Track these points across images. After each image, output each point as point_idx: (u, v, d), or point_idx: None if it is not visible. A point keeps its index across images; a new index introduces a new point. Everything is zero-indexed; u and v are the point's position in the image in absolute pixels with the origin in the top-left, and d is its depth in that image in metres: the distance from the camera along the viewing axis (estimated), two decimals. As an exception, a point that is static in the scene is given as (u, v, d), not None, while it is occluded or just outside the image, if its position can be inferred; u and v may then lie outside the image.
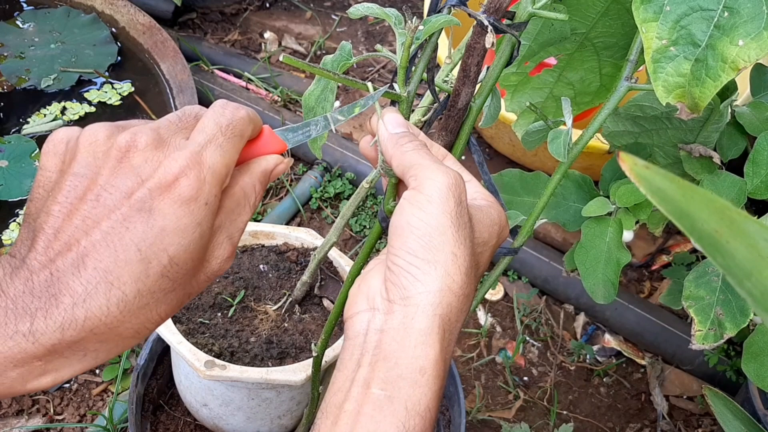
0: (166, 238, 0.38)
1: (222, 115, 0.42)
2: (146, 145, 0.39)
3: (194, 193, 0.39)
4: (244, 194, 0.43)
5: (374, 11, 0.52)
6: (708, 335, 0.74)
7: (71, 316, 0.37)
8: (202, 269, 0.42)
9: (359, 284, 0.45)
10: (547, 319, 1.46)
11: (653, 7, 0.51)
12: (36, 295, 0.37)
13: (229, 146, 0.41)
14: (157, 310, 0.40)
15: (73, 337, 0.37)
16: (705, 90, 0.51)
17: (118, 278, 0.37)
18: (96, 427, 1.18)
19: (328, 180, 1.60)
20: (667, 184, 0.19)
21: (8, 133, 1.55)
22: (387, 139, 0.47)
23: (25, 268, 0.38)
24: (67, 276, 0.37)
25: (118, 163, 0.39)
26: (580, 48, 0.68)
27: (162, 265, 0.38)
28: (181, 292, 0.41)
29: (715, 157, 0.75)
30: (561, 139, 0.62)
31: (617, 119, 0.81)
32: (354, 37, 1.99)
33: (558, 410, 1.34)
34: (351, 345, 0.42)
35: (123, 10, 1.76)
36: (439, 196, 0.42)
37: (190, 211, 0.39)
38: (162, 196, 0.38)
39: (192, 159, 0.39)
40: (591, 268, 0.80)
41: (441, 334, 0.40)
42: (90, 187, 0.39)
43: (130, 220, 0.38)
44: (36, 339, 0.37)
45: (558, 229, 1.53)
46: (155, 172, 0.39)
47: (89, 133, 0.40)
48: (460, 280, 0.41)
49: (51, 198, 0.39)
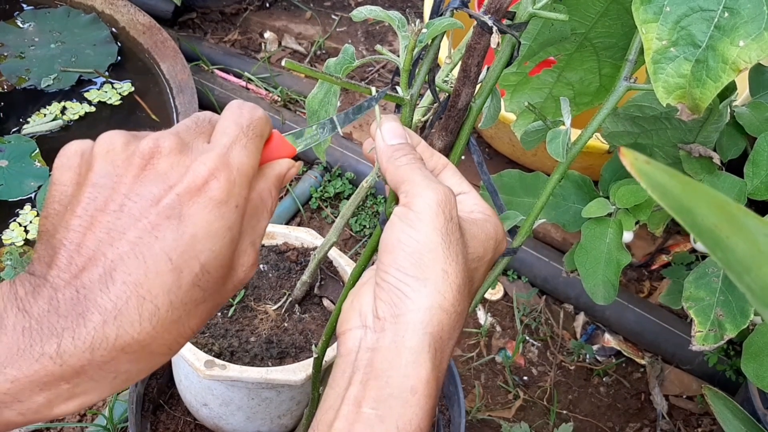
0: (197, 245, 0.37)
1: (241, 115, 0.41)
2: (171, 150, 0.38)
3: (225, 196, 0.38)
4: (261, 200, 0.42)
5: (377, 14, 0.52)
6: (708, 336, 0.74)
7: (101, 335, 0.35)
8: (229, 278, 0.40)
9: (352, 300, 0.44)
10: (547, 318, 1.46)
11: (653, 7, 0.51)
12: (62, 314, 0.35)
13: (253, 147, 0.40)
14: (188, 323, 0.38)
15: (103, 357, 0.35)
16: (706, 91, 0.51)
17: (150, 291, 0.36)
18: (96, 427, 1.18)
19: (328, 180, 1.60)
20: (668, 180, 0.19)
21: (8, 133, 1.55)
22: (382, 151, 0.46)
23: (48, 285, 0.36)
24: (94, 292, 0.35)
25: (141, 170, 0.37)
26: (580, 48, 0.68)
27: (194, 274, 0.37)
28: (210, 303, 0.39)
29: (714, 158, 0.75)
30: (560, 139, 0.62)
31: (616, 120, 0.81)
32: (354, 37, 1.99)
33: (558, 410, 1.34)
34: (343, 362, 0.41)
35: (123, 10, 1.76)
36: (428, 212, 0.41)
37: (221, 215, 0.37)
38: (192, 201, 0.37)
39: (220, 161, 0.38)
40: (591, 269, 0.81)
41: (432, 353, 0.39)
42: (111, 197, 0.37)
43: (159, 229, 0.36)
44: (64, 361, 0.35)
45: (558, 229, 1.53)
46: (183, 177, 0.37)
47: (105, 141, 0.39)
48: (452, 297, 0.40)
49: (69, 212, 0.37)
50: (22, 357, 0.34)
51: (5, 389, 0.35)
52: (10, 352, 0.34)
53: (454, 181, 0.48)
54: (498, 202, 0.68)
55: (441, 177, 0.49)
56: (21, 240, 1.38)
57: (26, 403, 0.35)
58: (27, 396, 0.35)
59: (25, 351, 0.35)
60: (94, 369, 0.36)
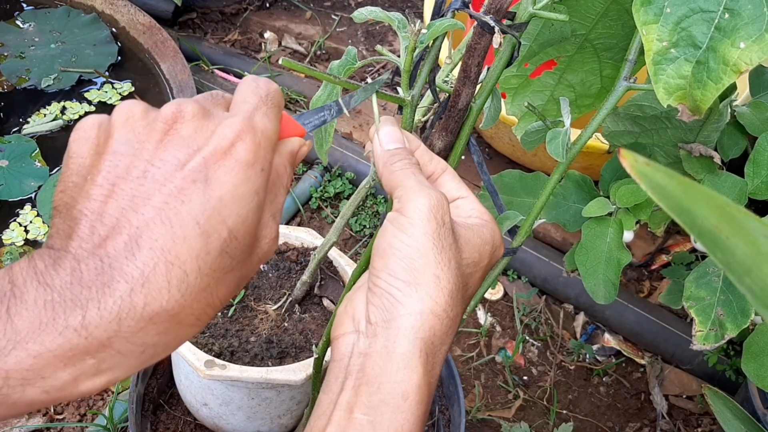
0: (224, 209, 0.36)
1: (258, 87, 0.41)
2: (194, 115, 0.38)
3: (252, 158, 0.37)
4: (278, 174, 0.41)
5: (378, 15, 0.52)
6: (709, 336, 0.74)
7: (129, 304, 0.34)
8: (255, 249, 0.39)
9: (346, 305, 0.44)
10: (547, 318, 1.46)
11: (653, 9, 0.51)
12: (86, 284, 0.34)
13: (273, 114, 0.40)
14: (217, 292, 0.37)
15: (131, 327, 0.34)
16: (707, 92, 0.51)
17: (178, 257, 0.34)
18: (96, 427, 1.18)
19: (328, 180, 1.60)
20: (668, 181, 0.19)
21: (8, 133, 1.55)
22: (379, 155, 0.47)
23: (70, 257, 0.34)
24: (119, 260, 0.34)
25: (164, 135, 0.37)
26: (580, 50, 0.68)
27: (222, 240, 0.36)
28: (238, 273, 0.38)
29: (715, 157, 0.75)
30: (559, 139, 0.62)
31: (617, 119, 0.81)
32: (354, 37, 1.99)
33: (558, 410, 1.34)
34: (336, 367, 0.41)
35: (123, 10, 1.77)
36: (420, 218, 0.41)
37: (248, 178, 0.37)
38: (218, 164, 0.36)
39: (246, 123, 0.38)
40: (592, 268, 0.81)
41: (424, 359, 0.39)
42: (134, 164, 0.36)
43: (185, 192, 0.35)
44: (89, 333, 0.33)
45: (558, 229, 1.53)
46: (209, 140, 0.37)
47: (123, 110, 0.38)
48: (444, 302, 0.40)
49: (89, 182, 0.36)
50: (45, 331, 0.33)
51: (28, 365, 0.33)
52: (32, 326, 0.33)
53: (453, 185, 0.48)
54: (498, 202, 0.68)
55: (440, 181, 0.49)
56: (21, 240, 1.38)
57: (50, 379, 0.34)
58: (51, 372, 0.34)
59: (47, 325, 0.33)
60: (121, 341, 0.34)
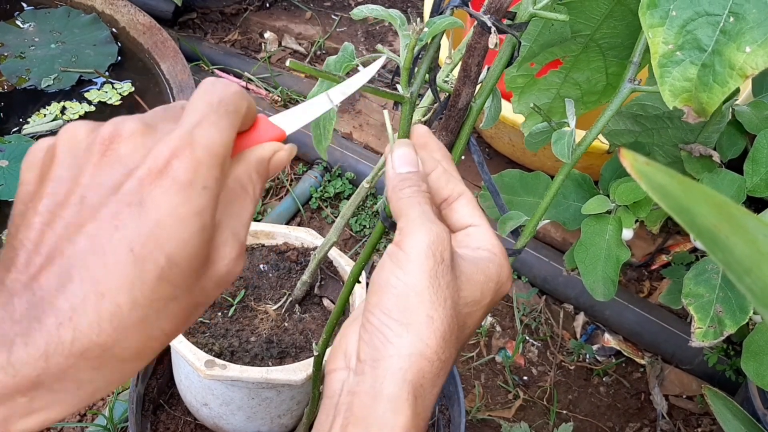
0: (162, 233, 0.33)
1: (212, 92, 0.37)
2: (132, 133, 0.35)
3: (190, 176, 0.34)
4: (241, 185, 0.38)
5: (378, 13, 0.52)
6: (708, 332, 0.74)
7: (56, 339, 0.31)
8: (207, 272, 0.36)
9: (339, 339, 0.43)
10: (547, 318, 1.46)
11: (659, 12, 0.51)
12: (16, 320, 0.32)
13: (224, 123, 0.36)
14: (158, 324, 0.34)
15: (60, 364, 0.32)
16: (713, 96, 0.51)
17: (109, 288, 0.32)
18: (96, 427, 1.18)
19: (328, 180, 1.60)
20: (667, 180, 0.19)
21: (8, 133, 1.55)
22: (390, 178, 0.45)
23: (5, 291, 0.32)
24: (50, 293, 0.32)
25: (102, 156, 0.34)
26: (586, 49, 0.68)
27: (159, 267, 0.33)
28: (185, 301, 0.35)
29: (714, 156, 0.76)
30: (565, 140, 0.62)
31: (618, 118, 0.81)
32: (354, 37, 1.99)
33: (558, 410, 1.34)
34: (327, 404, 0.41)
35: (123, 10, 1.77)
36: (418, 254, 0.40)
37: (187, 198, 0.33)
38: (153, 185, 0.33)
39: (183, 139, 0.34)
40: (591, 265, 0.81)
41: (411, 401, 0.38)
42: (72, 189, 0.34)
43: (119, 217, 0.33)
44: (17, 371, 0.31)
45: (558, 229, 1.53)
46: (144, 159, 0.34)
47: (67, 132, 0.36)
48: (435, 344, 0.39)
49: (31, 209, 0.34)
50: None
51: None
52: None
53: (467, 210, 0.46)
54: (499, 202, 0.68)
55: (454, 206, 0.46)
56: (21, 240, 1.38)
57: None
58: None
59: None
60: (51, 379, 0.32)
